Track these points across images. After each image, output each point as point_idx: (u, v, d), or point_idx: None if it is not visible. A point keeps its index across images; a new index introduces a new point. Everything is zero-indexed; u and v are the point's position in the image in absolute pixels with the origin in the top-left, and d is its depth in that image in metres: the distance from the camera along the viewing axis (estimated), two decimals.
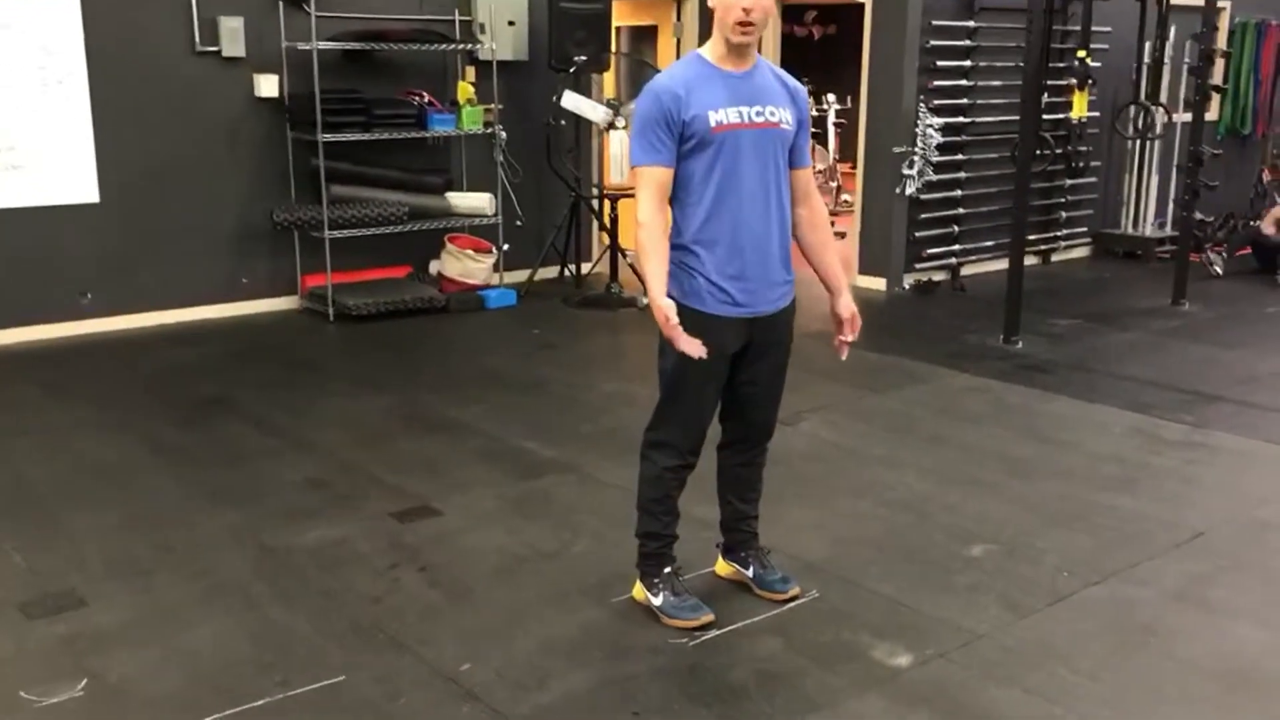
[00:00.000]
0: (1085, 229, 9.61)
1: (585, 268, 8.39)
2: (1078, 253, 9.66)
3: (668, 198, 3.12)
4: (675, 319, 3.01)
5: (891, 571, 3.70)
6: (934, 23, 7.97)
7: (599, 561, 3.74)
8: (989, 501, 4.30)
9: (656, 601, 3.36)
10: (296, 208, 7.14)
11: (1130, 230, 9.79)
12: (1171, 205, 9.70)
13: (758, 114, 3.07)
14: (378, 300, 7.14)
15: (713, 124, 3.02)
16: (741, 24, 2.99)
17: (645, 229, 3.07)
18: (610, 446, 4.88)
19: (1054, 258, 9.40)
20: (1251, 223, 9.35)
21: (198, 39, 6.82)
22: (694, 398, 3.23)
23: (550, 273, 8.32)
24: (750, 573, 3.53)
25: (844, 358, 3.38)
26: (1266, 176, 10.82)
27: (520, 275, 8.07)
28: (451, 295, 7.45)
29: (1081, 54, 7.16)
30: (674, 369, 3.18)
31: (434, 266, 7.83)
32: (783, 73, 3.21)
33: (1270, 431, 5.11)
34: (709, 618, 3.31)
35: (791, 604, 3.45)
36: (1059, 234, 9.35)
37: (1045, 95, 7.70)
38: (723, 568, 3.61)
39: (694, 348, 3.02)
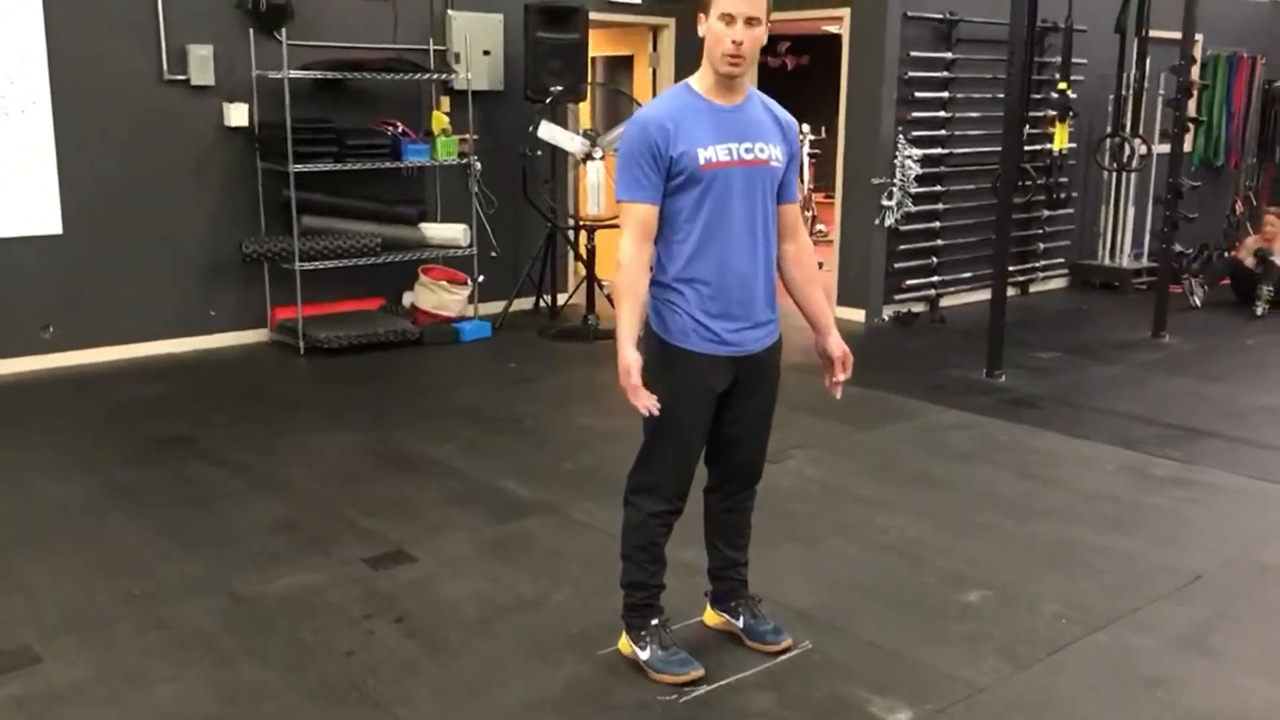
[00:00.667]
0: (1062, 260, 9.59)
1: (561, 299, 8.26)
2: (1055, 284, 9.63)
3: (651, 235, 3.00)
4: (637, 378, 2.91)
5: (886, 620, 3.57)
6: (912, 54, 7.93)
7: (583, 611, 3.59)
8: (982, 544, 4.19)
9: (644, 655, 3.21)
10: (267, 239, 6.98)
11: (1107, 261, 9.78)
12: (1148, 236, 9.70)
13: (747, 151, 2.96)
14: (350, 333, 6.98)
15: (702, 161, 2.91)
16: (731, 56, 2.88)
17: (624, 269, 2.95)
18: (591, 486, 4.74)
19: (1032, 289, 9.37)
20: (1227, 253, 9.36)
21: (166, 67, 6.67)
22: (680, 440, 3.10)
23: (525, 304, 8.19)
24: (740, 623, 3.39)
25: (838, 396, 3.27)
26: (1239, 208, 10.88)
27: (495, 307, 7.93)
28: (425, 328, 7.31)
29: (1062, 86, 7.13)
30: (660, 414, 3.05)
31: (407, 298, 7.69)
32: (774, 105, 3.10)
33: (1260, 468, 5.04)
34: (698, 673, 3.17)
35: (784, 656, 3.32)
36: (1037, 265, 9.32)
37: (1027, 127, 7.66)
38: (711, 617, 3.47)
39: (651, 404, 2.91)
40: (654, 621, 3.23)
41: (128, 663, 3.26)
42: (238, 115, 6.89)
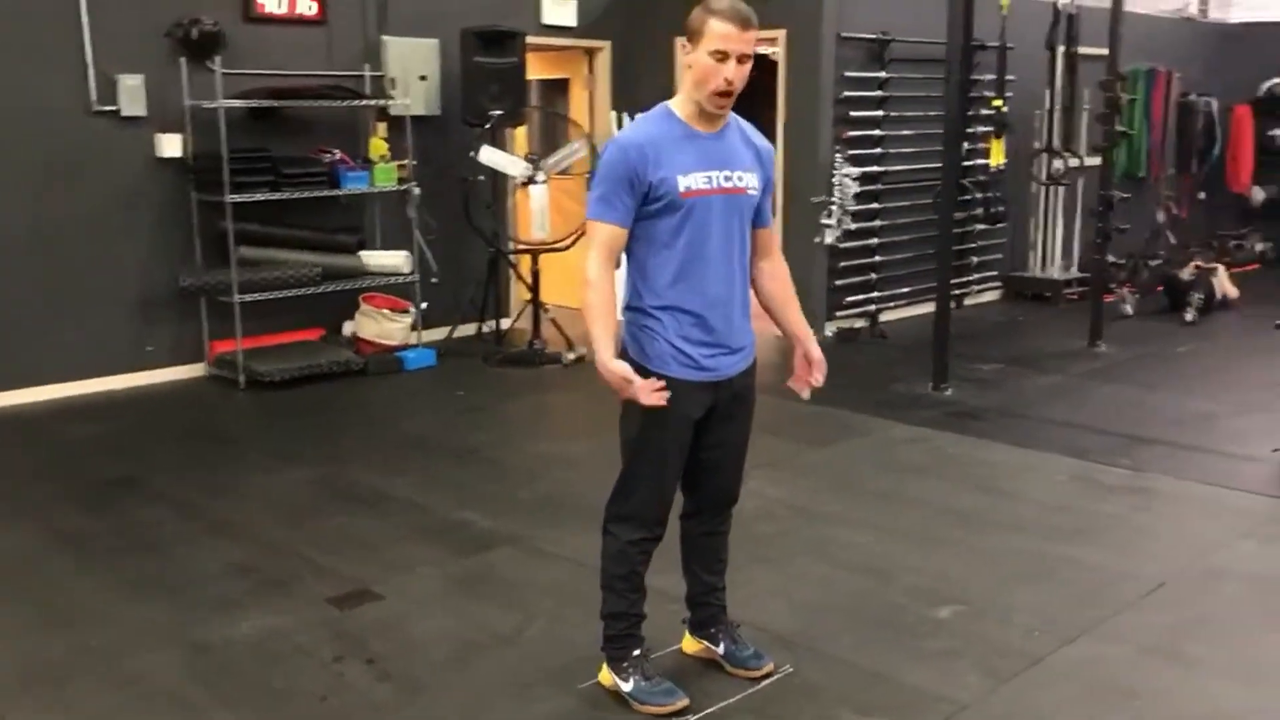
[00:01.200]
0: (995, 272, 9.75)
1: (505, 324, 8.20)
2: (989, 296, 9.78)
3: (616, 256, 2.98)
4: (634, 375, 2.87)
5: (863, 639, 3.57)
6: (846, 74, 8.02)
7: (559, 644, 3.54)
8: (947, 559, 4.22)
9: (627, 687, 3.17)
10: (204, 272, 6.83)
11: (1039, 273, 9.96)
12: (1077, 248, 9.91)
13: (726, 179, 2.96)
14: (292, 365, 6.84)
15: (682, 189, 2.90)
16: (721, 95, 2.88)
17: (594, 289, 2.93)
18: (552, 514, 4.70)
19: (967, 301, 9.50)
20: (1161, 264, 9.62)
21: (95, 98, 6.49)
22: (658, 466, 3.08)
23: (468, 330, 8.11)
24: (721, 649, 3.36)
25: (805, 396, 3.32)
26: (1161, 217, 11.15)
27: (437, 334, 7.84)
28: (369, 357, 7.19)
29: (997, 103, 7.26)
30: (637, 438, 3.04)
31: (348, 328, 7.57)
32: (751, 131, 3.11)
33: (1206, 473, 5.14)
34: (684, 702, 3.14)
35: (766, 681, 3.30)
36: (971, 278, 9.46)
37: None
38: (690, 644, 3.44)
39: (659, 397, 2.89)
40: (635, 652, 3.19)
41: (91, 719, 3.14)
42: (170, 146, 6.73)
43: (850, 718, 3.11)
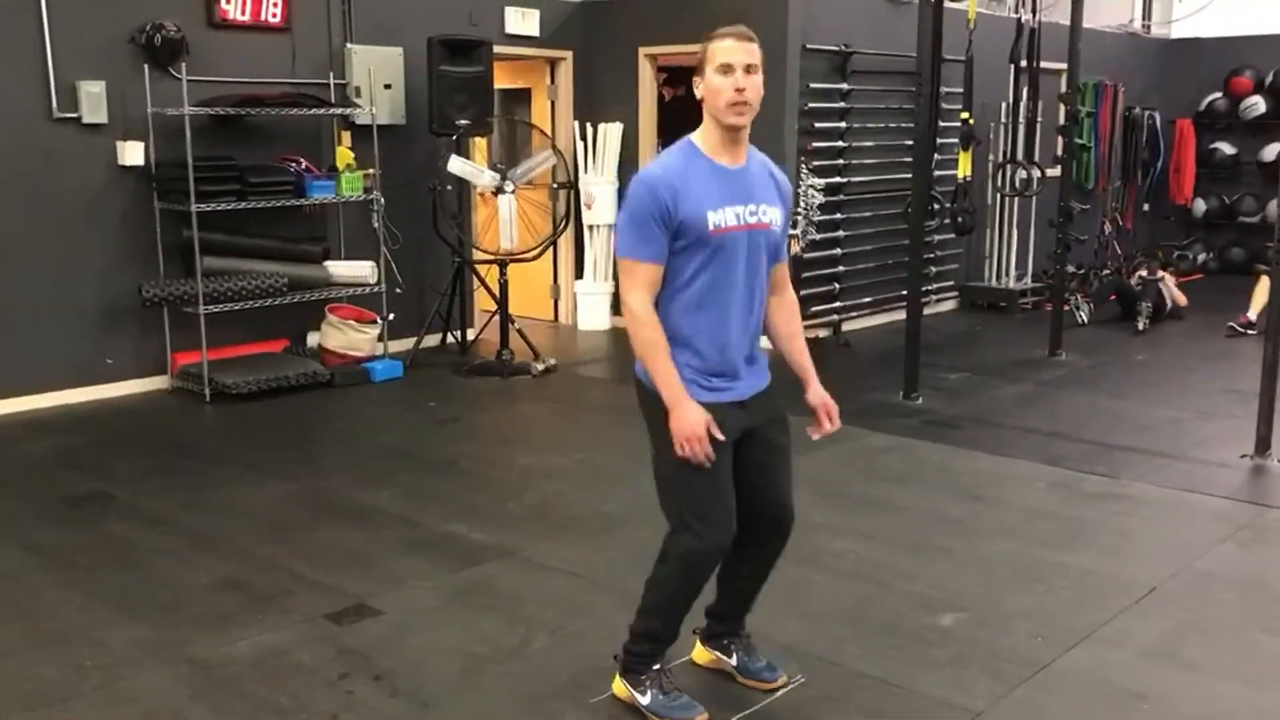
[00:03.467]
0: (952, 282, 9.88)
1: (471, 334, 8.13)
2: (946, 306, 9.91)
3: (655, 294, 2.94)
4: (715, 428, 2.87)
5: (870, 649, 3.58)
6: (810, 85, 8.09)
7: (567, 657, 3.50)
8: (942, 566, 4.25)
9: (644, 700, 3.14)
10: (167, 282, 6.69)
11: (994, 283, 10.11)
12: (1032, 258, 10.08)
13: (751, 214, 2.94)
14: (259, 377, 6.72)
15: (711, 226, 2.88)
16: (736, 104, 2.86)
17: (645, 325, 2.90)
18: (543, 525, 4.67)
19: (925, 311, 9.57)
20: (1113, 274, 9.82)
21: (55, 104, 6.34)
22: (709, 478, 2.95)
23: (433, 341, 8.03)
24: (734, 661, 3.35)
25: (815, 439, 3.27)
26: (1108, 229, 11.40)
27: (401, 344, 7.75)
28: (336, 368, 7.09)
29: (965, 115, 7.37)
30: (684, 468, 2.93)
31: (313, 338, 7.46)
32: (771, 165, 3.09)
33: (1182, 479, 5.24)
34: (703, 716, 3.11)
35: (781, 692, 3.29)
36: (930, 288, 9.55)
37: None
38: (702, 655, 3.42)
39: (715, 431, 2.88)
40: (655, 666, 3.16)
41: None
42: (133, 154, 6.59)
43: None
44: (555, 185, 8.24)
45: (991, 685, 3.35)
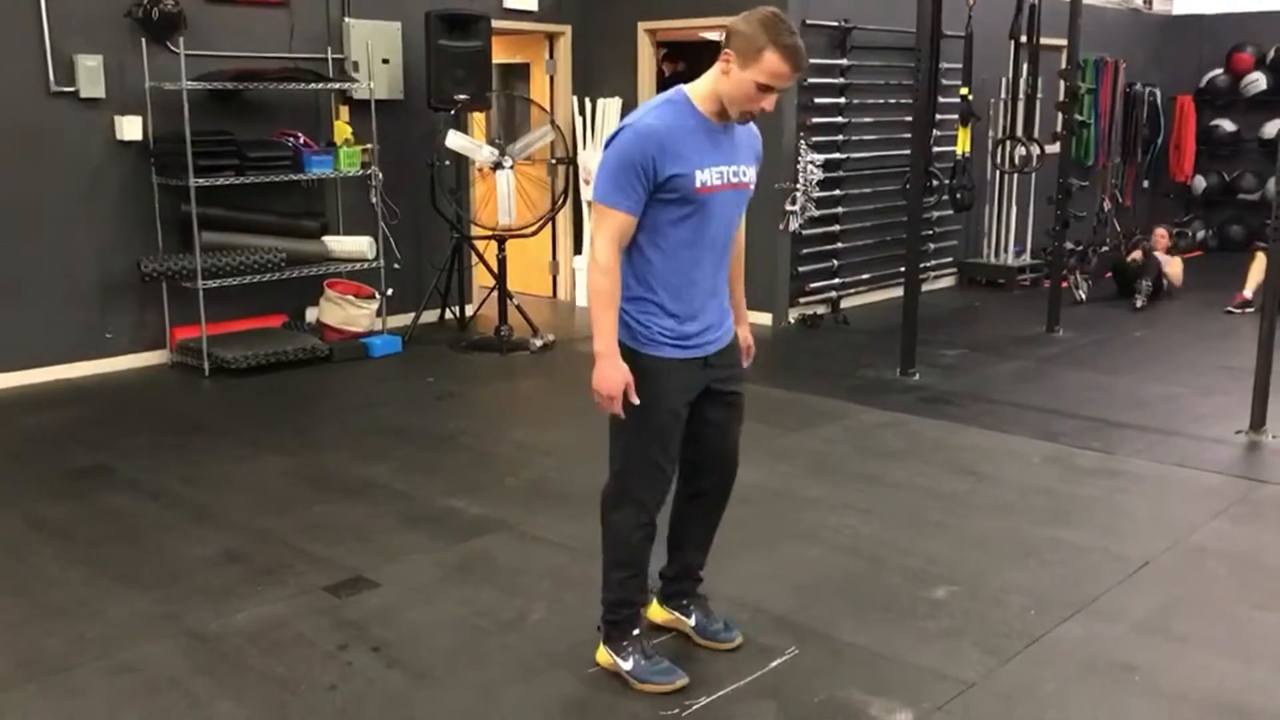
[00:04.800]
0: (951, 259, 9.88)
1: (469, 310, 8.14)
2: (944, 282, 9.92)
3: (625, 245, 2.96)
4: (628, 391, 2.94)
5: (863, 621, 3.61)
6: (810, 61, 8.05)
7: (563, 628, 3.54)
8: (935, 540, 4.28)
9: (626, 666, 3.18)
10: (165, 257, 6.69)
11: (992, 260, 10.12)
12: (1030, 235, 10.08)
13: (734, 174, 3.00)
14: (258, 352, 6.73)
15: (698, 184, 2.91)
16: (751, 116, 2.93)
17: (606, 273, 2.92)
18: (539, 499, 4.70)
19: (924, 287, 9.57)
20: (1113, 250, 9.82)
21: (52, 79, 6.33)
22: (659, 449, 3.07)
23: (431, 316, 8.04)
24: (692, 621, 3.41)
25: None
26: (1107, 205, 11.39)
27: (399, 320, 7.77)
28: (335, 344, 7.11)
29: (964, 91, 7.36)
30: (636, 423, 3.02)
31: (311, 314, 7.47)
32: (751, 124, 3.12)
33: (1177, 455, 5.27)
34: (684, 681, 3.17)
35: (774, 662, 3.32)
36: (928, 265, 9.56)
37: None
38: (658, 613, 3.47)
39: (632, 396, 2.96)
40: (635, 631, 3.21)
41: (97, 711, 3.08)
42: (131, 129, 6.59)
43: (861, 697, 3.15)
44: (554, 161, 8.24)
45: (984, 657, 3.38)
